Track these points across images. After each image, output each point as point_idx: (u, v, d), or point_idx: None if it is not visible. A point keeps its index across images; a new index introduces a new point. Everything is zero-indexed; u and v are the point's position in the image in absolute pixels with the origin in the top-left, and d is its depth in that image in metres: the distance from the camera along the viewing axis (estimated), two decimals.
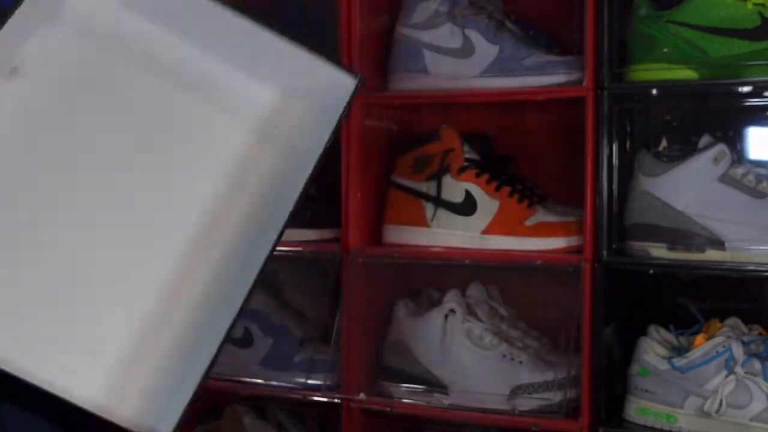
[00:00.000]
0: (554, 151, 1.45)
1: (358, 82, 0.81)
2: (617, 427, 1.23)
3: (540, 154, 1.47)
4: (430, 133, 1.39)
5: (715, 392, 1.17)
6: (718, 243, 1.19)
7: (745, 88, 1.23)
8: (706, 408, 1.18)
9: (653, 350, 1.23)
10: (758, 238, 1.18)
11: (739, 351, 1.18)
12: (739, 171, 1.21)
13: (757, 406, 1.16)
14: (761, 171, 1.23)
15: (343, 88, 0.81)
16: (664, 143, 1.39)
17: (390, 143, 1.45)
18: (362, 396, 1.36)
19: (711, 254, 1.20)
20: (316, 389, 1.38)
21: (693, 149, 1.26)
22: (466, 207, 1.34)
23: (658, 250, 1.22)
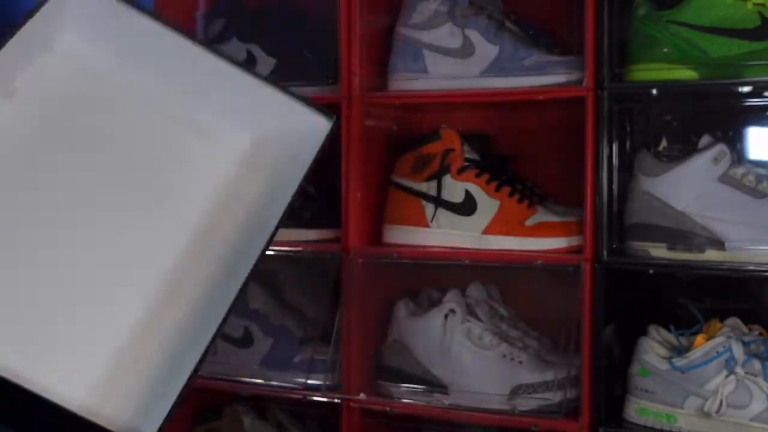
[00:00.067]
0: (554, 151, 1.45)
1: (333, 125, 0.83)
2: (617, 427, 1.23)
3: (540, 154, 1.47)
4: (430, 133, 1.39)
5: (715, 392, 1.17)
6: (718, 243, 1.19)
7: (745, 88, 1.23)
8: (706, 408, 1.18)
9: (653, 350, 1.23)
10: (758, 238, 1.18)
11: (739, 351, 1.18)
12: (739, 171, 1.21)
13: (758, 407, 1.16)
14: (761, 171, 1.23)
15: (318, 129, 0.84)
16: (664, 143, 1.39)
17: (390, 143, 1.45)
18: (362, 396, 1.36)
19: (711, 254, 1.20)
20: (316, 389, 1.38)
21: (693, 149, 1.26)
22: (466, 207, 1.34)
23: (658, 250, 1.22)
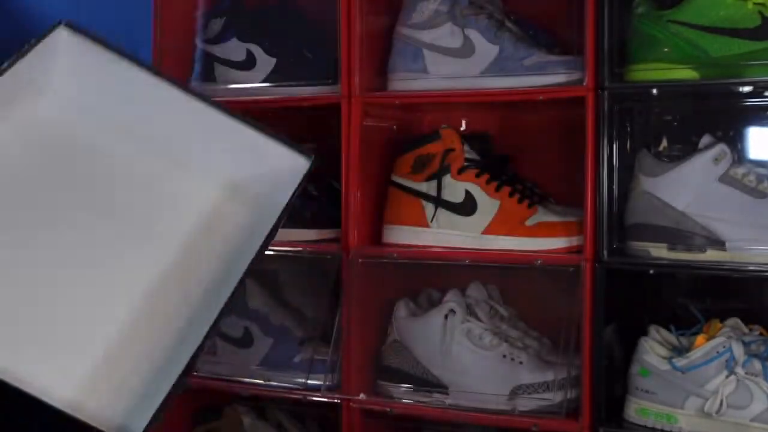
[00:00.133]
0: (554, 151, 1.45)
1: (310, 165, 0.84)
2: (617, 428, 1.23)
3: (540, 154, 1.47)
4: (430, 133, 1.39)
5: (715, 393, 1.17)
6: (719, 243, 1.19)
7: (746, 88, 1.23)
8: (706, 408, 1.17)
9: (654, 350, 1.23)
10: (759, 238, 1.18)
11: (739, 351, 1.18)
12: (740, 171, 1.21)
13: (758, 407, 1.16)
14: (762, 171, 1.23)
15: (296, 167, 0.85)
16: (664, 143, 1.39)
17: (390, 143, 1.45)
18: (362, 396, 1.36)
19: (711, 254, 1.20)
20: (316, 389, 1.38)
21: (693, 149, 1.25)
22: (466, 207, 1.34)
23: (659, 250, 1.22)
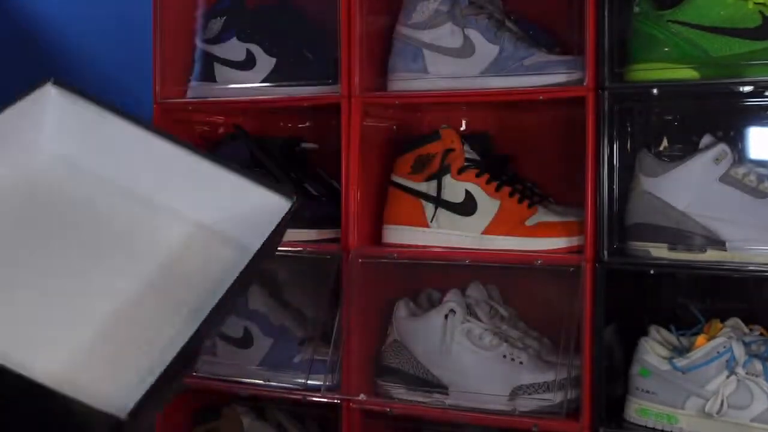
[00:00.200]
0: (554, 151, 1.45)
1: (291, 206, 0.84)
2: (618, 428, 1.23)
3: (540, 154, 1.47)
4: (430, 133, 1.39)
5: (716, 393, 1.17)
6: (719, 243, 1.19)
7: (746, 88, 1.23)
8: (707, 409, 1.17)
9: (654, 351, 1.23)
10: (759, 238, 1.18)
11: (740, 351, 1.18)
12: (740, 171, 1.21)
13: (758, 407, 1.16)
14: (762, 171, 1.23)
15: (279, 208, 0.84)
16: (664, 143, 1.38)
17: (390, 143, 1.45)
18: (362, 396, 1.36)
19: (712, 254, 1.20)
20: (315, 390, 1.38)
21: (694, 149, 1.25)
22: (466, 207, 1.34)
23: (659, 251, 1.22)
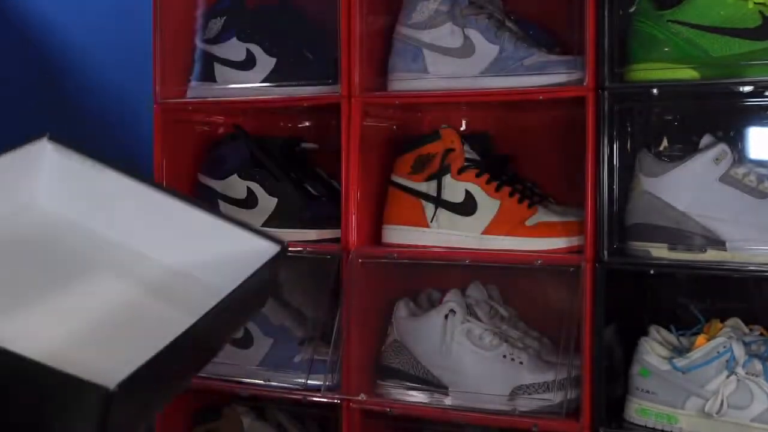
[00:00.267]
0: (554, 151, 1.45)
1: (280, 250, 0.84)
2: (618, 428, 1.23)
3: (540, 154, 1.47)
4: (430, 133, 1.39)
5: (716, 393, 1.17)
6: (719, 243, 1.19)
7: (746, 88, 1.23)
8: (707, 409, 1.17)
9: (654, 351, 1.23)
10: (759, 239, 1.18)
11: (740, 351, 1.18)
12: (740, 171, 1.21)
13: (758, 407, 1.16)
14: (762, 171, 1.23)
15: (267, 253, 0.84)
16: (664, 143, 1.38)
17: (390, 143, 1.44)
18: (362, 396, 1.36)
19: (712, 254, 1.20)
20: (315, 390, 1.38)
21: (694, 149, 1.25)
22: (466, 207, 1.34)
23: (659, 251, 1.22)
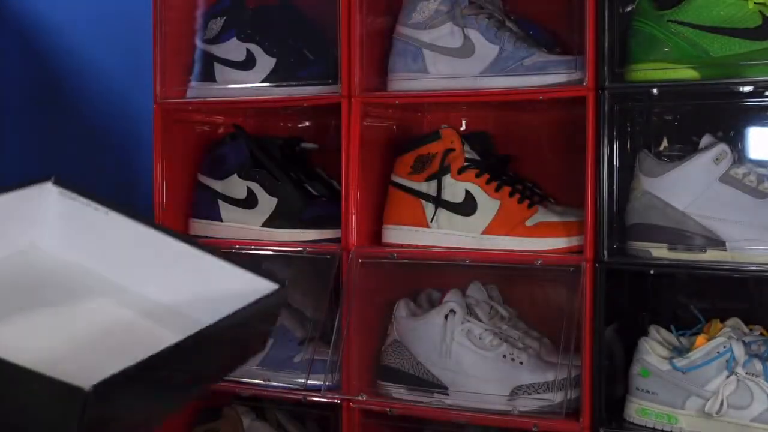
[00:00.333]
0: (554, 150, 1.45)
1: (280, 288, 0.83)
2: (618, 428, 1.23)
3: (540, 154, 1.47)
4: (430, 133, 1.39)
5: (716, 393, 1.17)
6: (719, 243, 1.19)
7: (746, 88, 1.23)
8: (707, 409, 1.17)
9: (654, 351, 1.23)
10: (759, 239, 1.18)
11: (740, 351, 1.18)
12: (740, 171, 1.21)
13: (758, 407, 1.16)
14: (762, 171, 1.23)
15: (264, 291, 0.84)
16: (664, 143, 1.38)
17: (390, 143, 1.44)
18: (362, 396, 1.36)
19: (712, 254, 1.19)
20: (316, 390, 1.38)
21: (694, 149, 1.25)
22: (466, 207, 1.34)
23: (659, 251, 1.22)
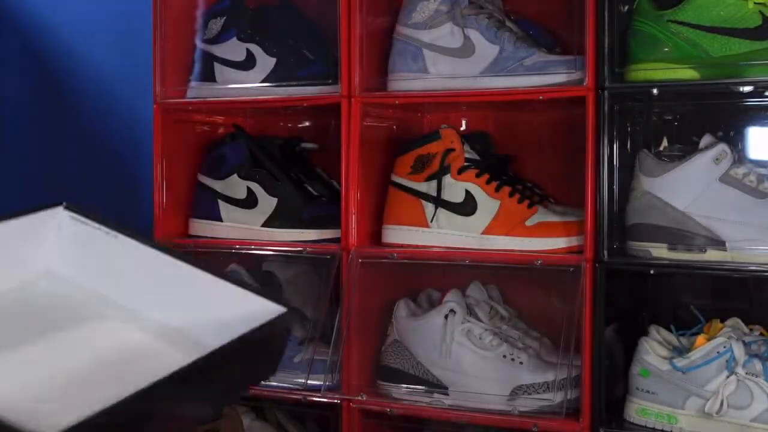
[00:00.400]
0: (555, 150, 1.45)
1: (287, 312, 0.82)
2: (618, 428, 1.23)
3: (540, 155, 1.47)
4: (430, 133, 1.39)
5: (716, 393, 1.17)
6: (719, 243, 1.19)
7: (746, 88, 1.23)
8: (707, 409, 1.17)
9: (654, 351, 1.23)
10: (759, 238, 1.18)
11: (740, 351, 1.18)
12: (740, 171, 1.21)
13: (758, 407, 1.16)
14: (762, 171, 1.23)
15: (272, 314, 0.83)
16: (664, 143, 1.39)
17: (390, 143, 1.45)
18: (362, 396, 1.36)
19: (712, 254, 1.20)
20: (316, 390, 1.38)
21: (694, 149, 1.25)
22: (466, 207, 1.34)
23: (659, 251, 1.22)
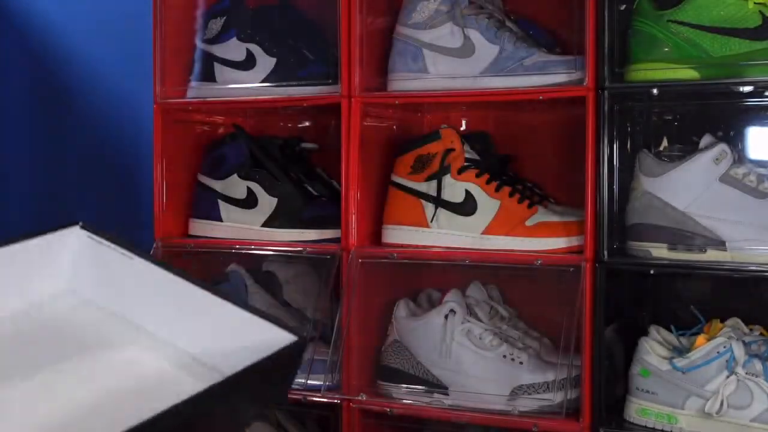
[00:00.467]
0: (555, 150, 1.45)
1: (298, 340, 0.81)
2: (618, 428, 1.23)
3: (540, 154, 1.47)
4: (430, 133, 1.39)
5: (716, 393, 1.17)
6: (719, 243, 1.19)
7: (746, 88, 1.23)
8: (707, 409, 1.17)
9: (654, 351, 1.23)
10: (759, 238, 1.18)
11: (740, 351, 1.18)
12: (740, 171, 1.21)
13: (758, 407, 1.16)
14: (762, 171, 1.23)
15: (284, 342, 0.82)
16: (664, 143, 1.39)
17: (390, 143, 1.44)
18: (362, 397, 1.36)
19: (712, 254, 1.20)
20: (316, 390, 1.38)
21: (694, 149, 1.25)
22: (466, 207, 1.34)
23: (659, 251, 1.22)
